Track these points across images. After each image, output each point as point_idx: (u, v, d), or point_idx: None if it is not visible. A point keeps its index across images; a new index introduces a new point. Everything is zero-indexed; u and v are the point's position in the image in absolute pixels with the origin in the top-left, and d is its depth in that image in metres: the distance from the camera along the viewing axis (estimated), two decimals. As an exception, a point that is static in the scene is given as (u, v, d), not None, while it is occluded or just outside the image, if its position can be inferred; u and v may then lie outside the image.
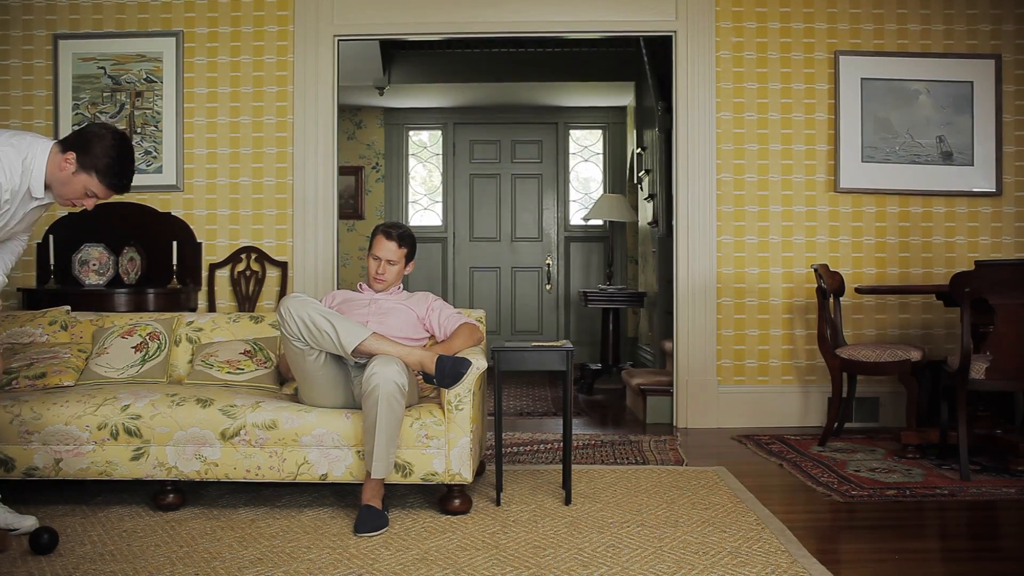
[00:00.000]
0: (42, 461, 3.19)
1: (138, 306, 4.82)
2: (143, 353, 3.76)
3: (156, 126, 5.17)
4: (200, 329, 3.92)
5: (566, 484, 3.35)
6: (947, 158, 5.13)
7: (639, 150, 7.66)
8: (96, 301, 4.76)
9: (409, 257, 3.57)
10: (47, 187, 2.81)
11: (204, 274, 5.17)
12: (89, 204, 2.85)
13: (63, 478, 3.22)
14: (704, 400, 5.12)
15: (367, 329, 3.13)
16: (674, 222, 5.22)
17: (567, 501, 3.33)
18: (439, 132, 8.89)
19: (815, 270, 4.47)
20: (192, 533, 2.96)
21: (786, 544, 2.82)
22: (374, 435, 2.98)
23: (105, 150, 2.79)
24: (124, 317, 4.00)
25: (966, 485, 3.62)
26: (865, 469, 3.92)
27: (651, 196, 7.03)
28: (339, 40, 5.25)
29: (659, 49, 6.46)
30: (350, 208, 8.63)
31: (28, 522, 2.87)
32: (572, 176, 8.92)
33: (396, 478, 3.15)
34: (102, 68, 5.16)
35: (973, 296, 3.76)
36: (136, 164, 2.82)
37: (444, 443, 3.15)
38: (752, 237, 5.15)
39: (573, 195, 8.90)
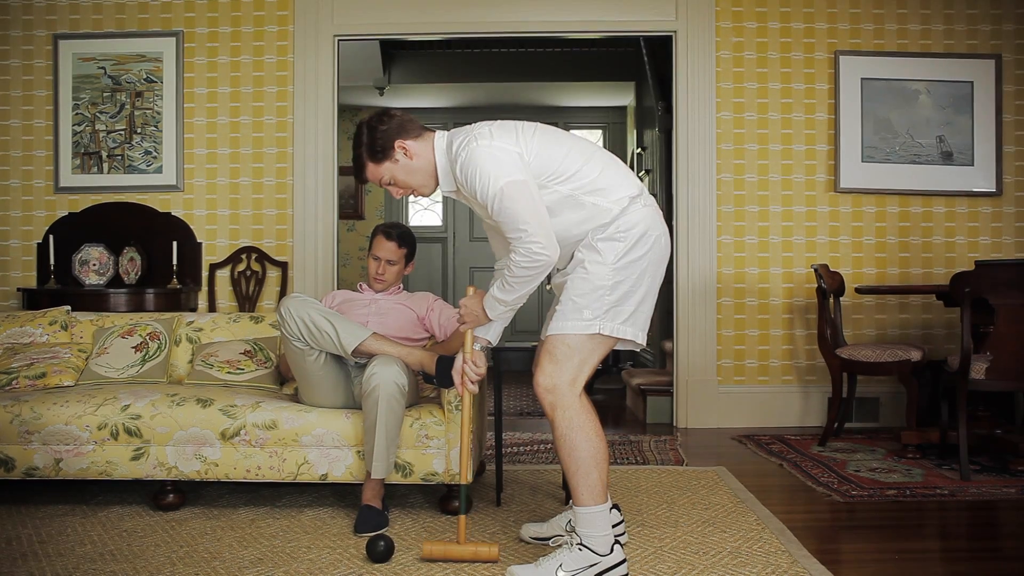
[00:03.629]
0: (42, 461, 3.19)
1: (138, 306, 4.83)
2: (143, 353, 3.76)
3: (156, 126, 5.17)
4: (200, 329, 3.92)
5: (566, 484, 3.35)
6: (947, 158, 5.13)
7: (639, 150, 7.66)
8: (96, 301, 4.77)
9: (409, 257, 3.57)
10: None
11: (204, 274, 5.17)
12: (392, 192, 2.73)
13: (63, 478, 3.21)
14: (704, 400, 5.12)
15: (367, 329, 3.13)
16: (674, 222, 5.22)
17: (567, 501, 3.32)
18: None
19: (815, 270, 4.47)
20: (192, 533, 2.96)
21: (786, 544, 2.82)
22: (374, 435, 2.98)
23: None
24: (124, 317, 4.00)
25: (966, 485, 3.61)
26: (865, 469, 3.92)
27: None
28: (339, 40, 5.25)
29: (659, 49, 6.46)
30: (350, 208, 8.63)
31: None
32: (572, 176, 8.91)
33: (396, 478, 3.15)
34: (102, 68, 5.16)
35: (973, 296, 3.76)
36: (354, 151, 2.66)
37: (444, 443, 3.15)
38: (752, 237, 5.15)
39: (573, 195, 8.89)
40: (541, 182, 2.47)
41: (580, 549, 2.40)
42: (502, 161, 2.42)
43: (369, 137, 2.61)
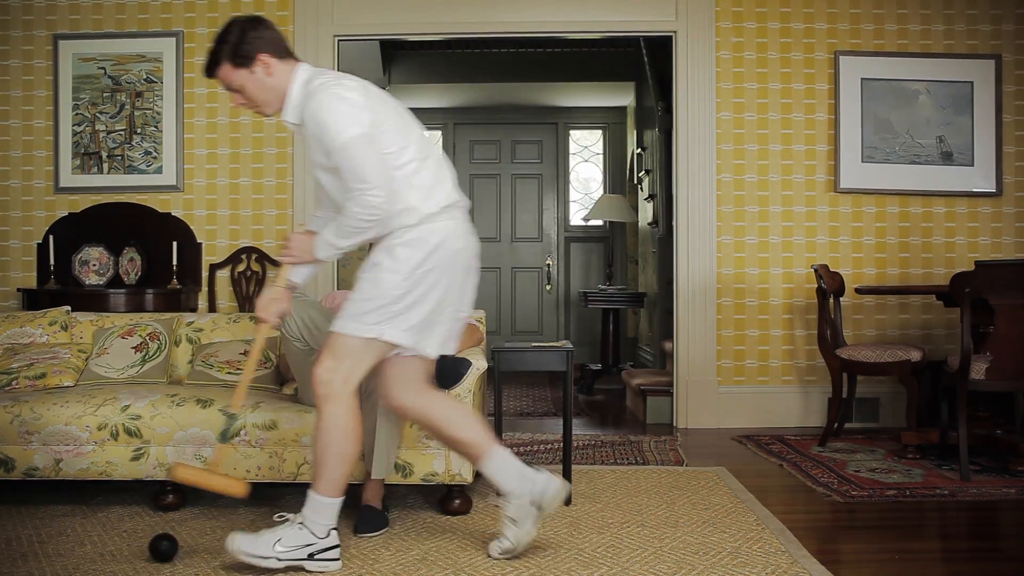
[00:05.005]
0: (42, 461, 3.19)
1: (138, 306, 4.83)
2: (143, 353, 3.76)
3: (156, 126, 5.17)
4: (200, 329, 3.91)
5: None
6: (947, 158, 5.13)
7: (639, 150, 7.66)
8: (96, 301, 4.76)
9: (409, 257, 3.56)
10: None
11: (204, 274, 5.17)
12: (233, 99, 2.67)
13: (63, 478, 3.21)
14: (704, 400, 5.12)
15: (367, 329, 3.13)
16: (674, 222, 5.22)
17: (567, 501, 3.32)
18: (439, 132, 8.90)
19: (815, 270, 4.47)
20: (192, 533, 2.96)
21: (786, 544, 2.82)
22: (374, 436, 2.98)
23: None
24: (124, 317, 4.00)
25: (966, 485, 3.61)
26: (865, 469, 3.92)
27: (651, 196, 7.03)
28: (339, 40, 5.25)
29: (659, 49, 6.46)
30: (350, 208, 8.63)
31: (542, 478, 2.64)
32: (572, 176, 8.92)
33: (396, 478, 3.15)
34: (102, 68, 5.16)
35: (973, 296, 3.76)
36: (215, 43, 2.60)
37: (444, 443, 3.15)
38: (752, 237, 5.15)
39: (573, 195, 8.90)
40: None
41: (300, 528, 2.52)
42: (355, 114, 2.47)
43: (238, 38, 2.57)
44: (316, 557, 2.53)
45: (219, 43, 2.59)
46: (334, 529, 2.57)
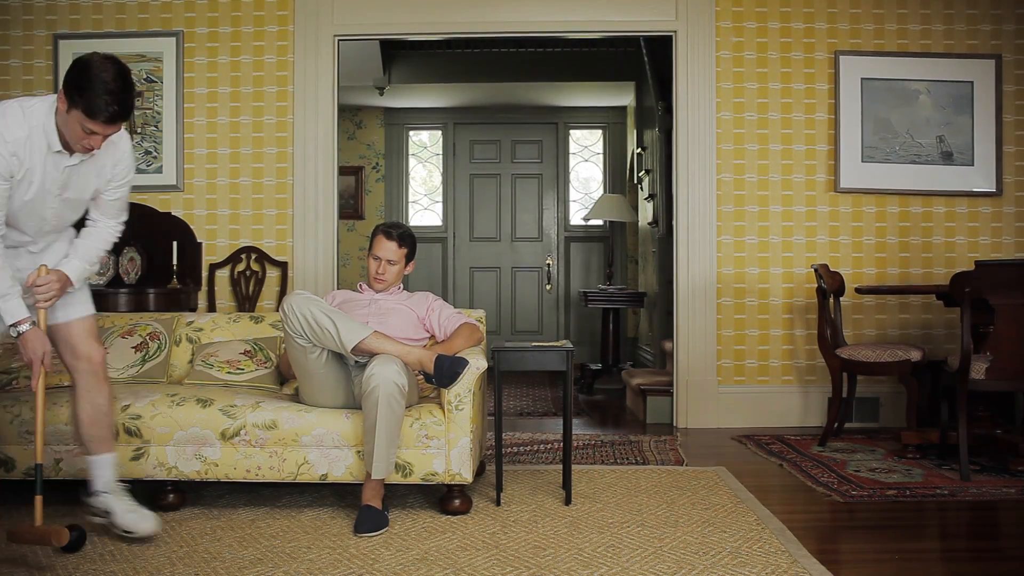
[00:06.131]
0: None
1: (138, 306, 4.82)
2: (143, 353, 3.76)
3: (156, 126, 5.17)
4: (200, 329, 3.92)
5: (566, 484, 3.35)
6: (947, 158, 5.13)
7: (639, 150, 7.66)
8: (96, 301, 4.73)
9: (409, 257, 3.57)
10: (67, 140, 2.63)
11: (204, 274, 5.17)
12: (95, 143, 2.60)
13: (63, 478, 3.22)
14: (704, 400, 5.12)
15: (368, 327, 3.13)
16: (674, 222, 5.22)
17: (567, 501, 3.33)
18: (439, 132, 8.90)
19: (815, 270, 4.47)
20: (192, 533, 2.96)
21: (786, 544, 2.82)
22: (374, 435, 2.98)
23: (88, 77, 2.50)
24: (124, 317, 4.00)
25: (966, 485, 3.62)
26: (865, 469, 3.92)
27: (651, 196, 7.03)
28: (339, 40, 5.25)
29: (659, 49, 6.46)
30: (350, 208, 8.63)
31: (147, 524, 2.84)
32: (572, 176, 8.92)
33: (396, 478, 3.15)
34: (102, 68, 5.15)
35: (973, 296, 3.76)
36: (127, 95, 2.57)
37: (444, 443, 3.15)
38: (752, 237, 5.15)
39: (573, 195, 8.90)
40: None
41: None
42: None
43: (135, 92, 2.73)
44: None
45: (133, 96, 2.65)
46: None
